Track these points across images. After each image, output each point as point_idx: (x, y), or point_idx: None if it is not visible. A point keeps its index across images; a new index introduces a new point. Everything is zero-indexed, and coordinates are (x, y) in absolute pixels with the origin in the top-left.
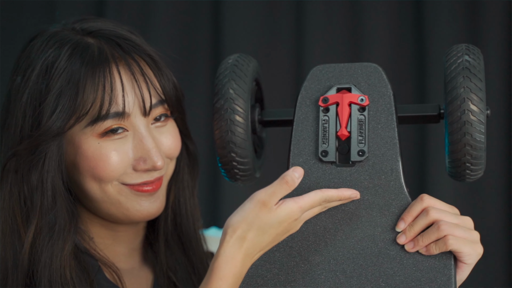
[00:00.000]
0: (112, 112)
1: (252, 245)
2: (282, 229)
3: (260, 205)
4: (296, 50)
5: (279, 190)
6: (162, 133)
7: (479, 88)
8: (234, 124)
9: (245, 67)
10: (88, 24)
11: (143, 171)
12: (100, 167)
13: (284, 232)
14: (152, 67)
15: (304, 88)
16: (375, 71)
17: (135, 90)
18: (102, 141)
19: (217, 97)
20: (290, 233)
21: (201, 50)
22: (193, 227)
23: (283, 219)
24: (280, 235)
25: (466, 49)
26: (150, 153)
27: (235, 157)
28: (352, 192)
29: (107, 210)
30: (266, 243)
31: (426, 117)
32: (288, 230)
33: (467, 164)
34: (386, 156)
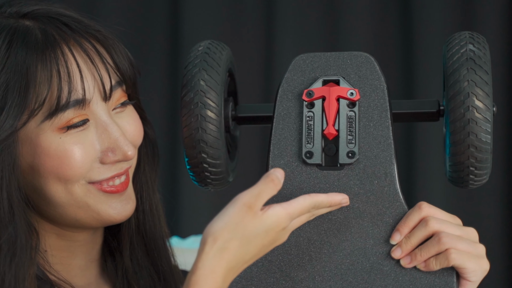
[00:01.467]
0: (72, 101)
1: (235, 257)
2: (269, 240)
3: (246, 209)
4: (266, 37)
5: (265, 191)
6: (123, 119)
7: (485, 82)
8: (206, 120)
9: (217, 55)
10: (17, 7)
11: (112, 163)
12: (66, 165)
13: (270, 243)
14: (104, 44)
15: (285, 80)
16: (366, 61)
17: (93, 72)
18: (64, 135)
19: (186, 90)
20: (276, 245)
21: (157, 36)
22: (158, 226)
23: (270, 227)
24: (266, 246)
25: (470, 37)
26: (118, 142)
27: (206, 158)
28: (343, 197)
29: (74, 215)
30: (251, 255)
31: (424, 115)
32: (275, 241)
33: (470, 168)
34: (379, 158)
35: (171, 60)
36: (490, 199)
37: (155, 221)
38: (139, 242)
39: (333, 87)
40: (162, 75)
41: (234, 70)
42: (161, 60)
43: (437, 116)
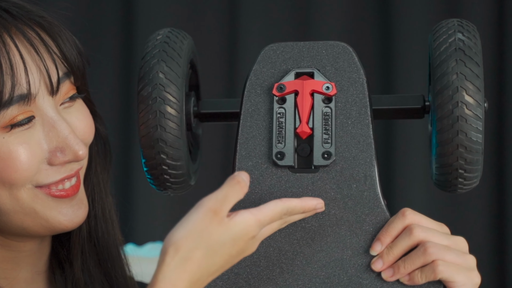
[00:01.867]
0: (16, 96)
1: (200, 269)
2: (237, 249)
3: (211, 215)
4: (229, 25)
5: (231, 194)
6: (72, 114)
7: (475, 75)
8: (165, 117)
9: (178, 45)
10: None
11: (61, 164)
12: (11, 168)
13: (238, 253)
14: (49, 32)
15: (253, 72)
16: (344, 51)
17: (39, 64)
18: (8, 135)
19: (143, 83)
20: (244, 255)
21: (109, 22)
22: (112, 233)
23: (238, 236)
24: (234, 257)
25: (458, 25)
26: (68, 141)
27: (166, 159)
28: (318, 202)
29: (21, 223)
30: (217, 267)
31: (407, 111)
32: (243, 251)
33: (459, 170)
34: (358, 160)
35: (124, 49)
36: (478, 204)
37: (108, 227)
38: (91, 251)
39: (307, 80)
40: (114, 65)
41: (196, 62)
42: (113, 48)
43: (422, 113)
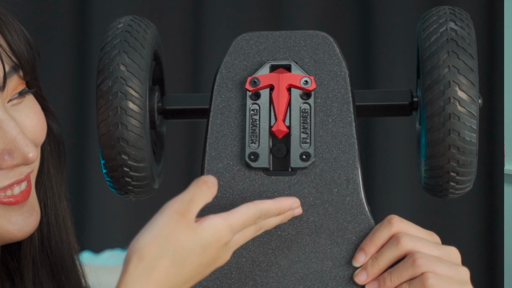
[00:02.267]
0: None
1: (167, 279)
2: (208, 258)
3: (177, 218)
4: (194, 11)
5: (198, 195)
6: (21, 112)
7: (469, 68)
8: (127, 114)
9: (141, 34)
10: None
11: (9, 168)
12: None
13: (209, 262)
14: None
15: (224, 65)
16: (324, 42)
17: None
18: None
19: (103, 76)
20: (216, 266)
21: (61, 9)
22: (66, 241)
23: (208, 242)
24: (205, 266)
25: (450, 13)
26: (16, 142)
27: (127, 160)
28: (293, 201)
29: None
30: (186, 278)
31: (393, 108)
32: (215, 260)
33: (451, 173)
34: (340, 162)
35: (78, 38)
36: (467, 209)
37: (62, 235)
38: (44, 261)
39: (283, 73)
40: (67, 56)
41: (160, 53)
42: (66, 38)
43: (409, 110)
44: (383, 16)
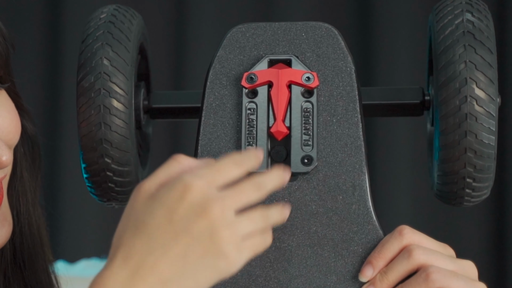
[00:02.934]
0: None
1: (141, 259)
2: (180, 215)
3: (135, 193)
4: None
5: (162, 169)
6: None
7: (488, 64)
8: (111, 113)
9: (126, 25)
10: None
11: None
12: None
13: (182, 218)
14: None
15: (218, 59)
16: (328, 35)
17: None
18: None
19: (84, 72)
20: (200, 226)
21: None
22: (41, 253)
23: (168, 196)
24: (176, 222)
25: (467, 3)
26: None
27: (111, 164)
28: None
29: None
30: (158, 249)
31: (403, 107)
32: (188, 217)
33: (467, 179)
34: (345, 166)
35: (51, 28)
36: (475, 217)
37: (36, 246)
38: (16, 276)
39: (283, 69)
40: (37, 48)
41: (146, 46)
42: (38, 27)
43: (421, 109)
44: (385, 5)
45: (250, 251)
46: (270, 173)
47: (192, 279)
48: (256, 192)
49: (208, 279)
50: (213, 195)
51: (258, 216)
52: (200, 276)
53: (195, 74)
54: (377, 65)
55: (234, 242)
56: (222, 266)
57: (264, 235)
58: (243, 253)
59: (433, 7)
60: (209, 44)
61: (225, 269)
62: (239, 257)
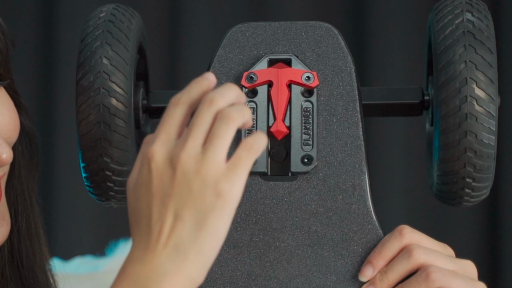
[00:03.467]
0: None
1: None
2: (152, 188)
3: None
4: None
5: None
6: None
7: (488, 64)
8: (110, 112)
9: (126, 24)
10: None
11: None
12: None
13: (158, 189)
14: None
15: (217, 58)
16: (328, 34)
17: None
18: None
19: (84, 70)
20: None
21: None
22: (38, 252)
23: (137, 179)
24: (157, 195)
25: (467, 3)
26: None
27: (110, 163)
28: None
29: None
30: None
31: (403, 107)
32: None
33: (467, 179)
34: (345, 166)
35: (44, 25)
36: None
37: (34, 245)
38: (14, 275)
39: (283, 69)
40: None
41: (145, 45)
42: (33, 24)
43: (420, 109)
44: (379, 4)
45: (240, 170)
46: None
47: (208, 233)
48: (208, 114)
49: (220, 223)
50: (172, 149)
51: (223, 129)
52: (211, 225)
53: (188, 73)
54: (370, 65)
55: (215, 174)
56: (220, 204)
57: (250, 151)
58: (234, 177)
59: (433, 7)
60: (203, 43)
61: (225, 204)
62: (232, 185)
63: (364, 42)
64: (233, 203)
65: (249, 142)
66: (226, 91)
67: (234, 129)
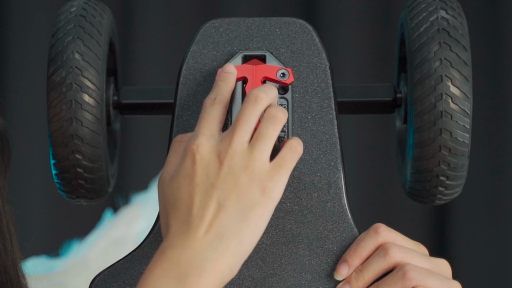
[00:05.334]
0: None
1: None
2: (195, 179)
3: (159, 185)
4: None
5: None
6: None
7: (463, 62)
8: (83, 108)
9: (97, 19)
10: None
11: None
12: None
13: (202, 181)
14: None
15: (191, 54)
16: (302, 30)
17: None
18: None
19: (55, 66)
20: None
21: None
22: (10, 251)
23: (179, 170)
24: (201, 186)
25: (440, 1)
26: None
27: (82, 160)
28: None
29: None
30: (197, 217)
31: (375, 104)
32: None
33: (441, 178)
34: (320, 163)
35: None
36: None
37: (6, 244)
38: None
39: (258, 65)
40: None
41: (115, 41)
42: None
43: (392, 107)
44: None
45: (284, 170)
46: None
47: (249, 226)
48: (254, 111)
49: (261, 218)
50: (216, 143)
51: (270, 129)
52: (254, 219)
53: (139, 68)
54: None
55: (261, 172)
56: (264, 201)
57: (291, 149)
58: (278, 176)
59: (405, 4)
60: (153, 40)
61: (268, 202)
62: (275, 184)
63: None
64: (275, 202)
65: (294, 144)
66: (269, 90)
67: (280, 129)
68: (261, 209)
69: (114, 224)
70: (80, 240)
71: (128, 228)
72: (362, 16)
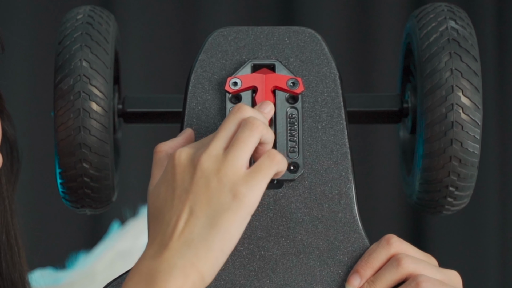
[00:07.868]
0: None
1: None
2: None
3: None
4: None
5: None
6: None
7: (473, 72)
8: (91, 116)
9: (104, 27)
10: None
11: None
12: None
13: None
14: None
15: (199, 63)
16: (311, 40)
17: None
18: None
19: (63, 74)
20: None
21: None
22: (18, 263)
23: (161, 178)
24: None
25: (449, 11)
26: None
27: (89, 169)
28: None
29: None
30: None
31: (382, 114)
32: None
33: (450, 188)
34: (331, 174)
35: None
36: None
37: (14, 256)
38: None
39: (268, 74)
40: None
41: (119, 48)
42: None
43: (399, 117)
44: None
45: (260, 176)
46: None
47: (219, 232)
48: (234, 120)
49: (232, 224)
50: (196, 150)
51: (246, 135)
52: (224, 224)
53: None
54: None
55: (234, 176)
56: (235, 206)
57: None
58: (253, 182)
59: (412, 14)
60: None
61: (240, 207)
62: (249, 190)
63: None
64: (249, 208)
65: (273, 152)
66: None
67: (257, 137)
68: (232, 214)
69: (121, 236)
70: (86, 252)
71: (135, 240)
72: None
